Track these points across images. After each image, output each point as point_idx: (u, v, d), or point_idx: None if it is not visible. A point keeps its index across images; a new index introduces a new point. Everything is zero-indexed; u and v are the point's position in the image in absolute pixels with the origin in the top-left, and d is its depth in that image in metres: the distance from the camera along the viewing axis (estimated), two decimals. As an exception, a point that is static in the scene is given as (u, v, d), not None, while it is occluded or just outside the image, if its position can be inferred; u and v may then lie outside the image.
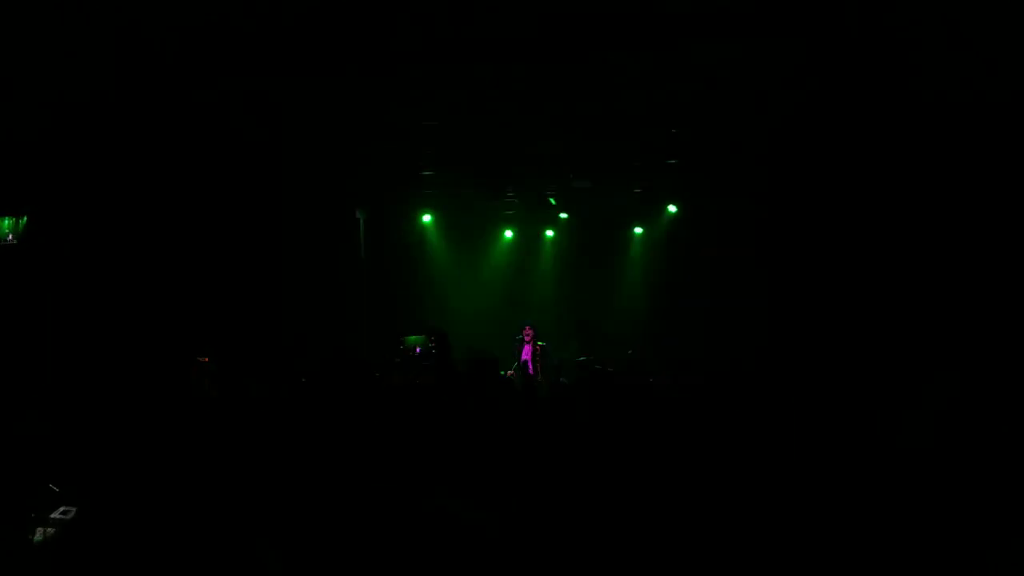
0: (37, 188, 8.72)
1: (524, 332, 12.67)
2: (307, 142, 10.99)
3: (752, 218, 12.32)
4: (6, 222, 8.47)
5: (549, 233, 15.07)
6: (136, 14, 7.19)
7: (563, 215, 14.59)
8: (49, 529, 3.84)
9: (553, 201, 14.09)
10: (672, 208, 14.07)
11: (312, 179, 12.07)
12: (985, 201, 9.21)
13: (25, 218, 8.47)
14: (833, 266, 11.03)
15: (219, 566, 3.07)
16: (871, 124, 9.49)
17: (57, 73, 7.68)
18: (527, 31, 7.73)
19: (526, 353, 12.58)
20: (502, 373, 9.99)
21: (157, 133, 9.34)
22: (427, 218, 14.86)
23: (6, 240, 8.46)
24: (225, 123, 9.73)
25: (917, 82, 8.40)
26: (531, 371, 12.26)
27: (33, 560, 3.69)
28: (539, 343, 12.67)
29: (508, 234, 15.24)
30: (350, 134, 10.87)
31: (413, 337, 12.15)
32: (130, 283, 9.60)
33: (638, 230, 14.68)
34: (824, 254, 11.21)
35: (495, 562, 3.29)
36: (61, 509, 4.00)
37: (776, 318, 11.82)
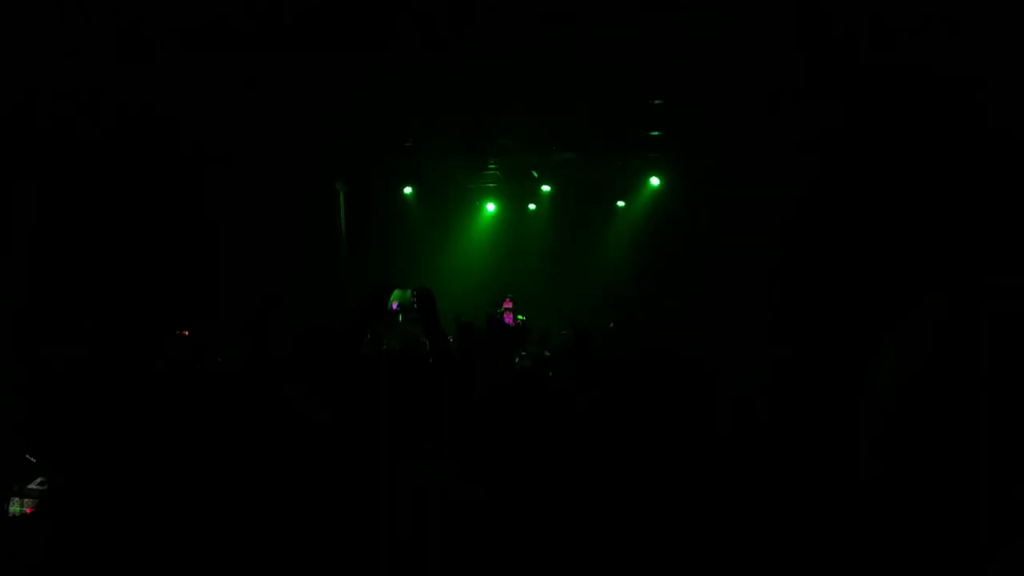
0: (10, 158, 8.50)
1: (504, 303, 12.63)
2: (285, 111, 10.80)
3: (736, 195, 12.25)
4: None
5: (531, 206, 15.01)
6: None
7: (545, 188, 14.52)
8: (26, 500, 3.78)
9: (536, 174, 14.00)
10: (655, 181, 14.03)
11: (290, 149, 11.89)
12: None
13: None
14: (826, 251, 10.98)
15: (207, 548, 3.02)
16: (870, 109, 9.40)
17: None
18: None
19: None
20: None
21: (131, 105, 9.15)
22: (408, 190, 14.73)
23: None
24: (200, 94, 9.54)
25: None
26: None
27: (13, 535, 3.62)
28: (519, 316, 12.63)
29: (490, 207, 15.16)
30: (329, 104, 10.70)
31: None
32: (106, 255, 9.45)
33: (620, 203, 14.65)
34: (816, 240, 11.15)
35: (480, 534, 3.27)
36: (39, 480, 3.93)
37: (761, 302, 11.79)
